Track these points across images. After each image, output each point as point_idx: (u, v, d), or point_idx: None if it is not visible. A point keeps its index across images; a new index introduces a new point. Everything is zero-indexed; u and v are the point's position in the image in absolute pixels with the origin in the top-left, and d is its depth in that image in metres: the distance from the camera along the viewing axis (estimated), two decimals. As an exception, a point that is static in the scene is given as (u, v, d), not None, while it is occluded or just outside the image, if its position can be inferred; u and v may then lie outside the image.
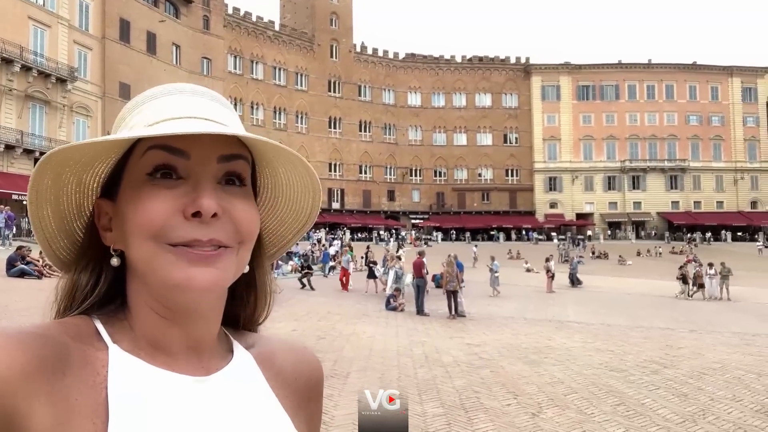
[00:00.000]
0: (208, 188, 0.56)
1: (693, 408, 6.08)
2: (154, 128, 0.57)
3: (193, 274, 0.54)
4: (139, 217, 0.55)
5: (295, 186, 0.66)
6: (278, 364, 0.68)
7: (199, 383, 0.59)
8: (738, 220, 60.95)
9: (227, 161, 0.58)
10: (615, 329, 12.40)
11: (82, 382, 0.52)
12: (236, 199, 0.58)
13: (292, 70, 56.65)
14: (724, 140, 63.72)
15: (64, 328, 0.56)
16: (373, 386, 6.05)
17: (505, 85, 64.08)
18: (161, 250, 0.55)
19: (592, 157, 63.31)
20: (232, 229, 0.57)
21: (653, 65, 64.30)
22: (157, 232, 0.54)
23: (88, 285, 0.61)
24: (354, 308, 14.59)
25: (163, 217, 0.54)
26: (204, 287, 0.55)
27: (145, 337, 0.59)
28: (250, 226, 0.59)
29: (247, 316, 0.70)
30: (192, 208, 0.54)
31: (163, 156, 0.56)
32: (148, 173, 0.56)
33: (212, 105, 0.62)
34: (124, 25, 40.69)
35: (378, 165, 60.89)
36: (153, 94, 0.62)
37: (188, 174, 0.56)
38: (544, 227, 60.82)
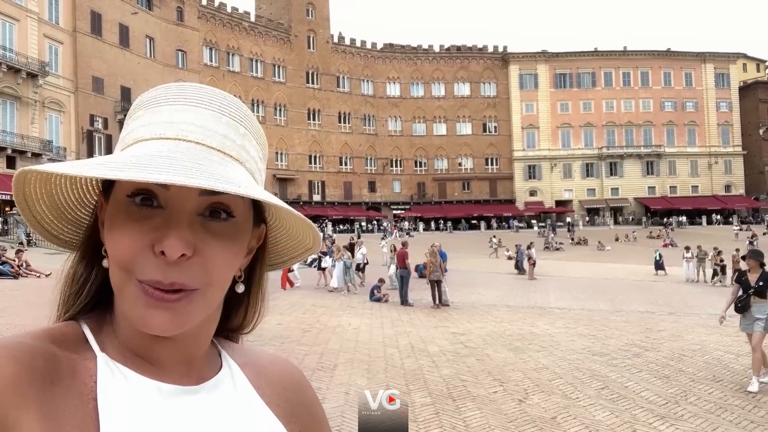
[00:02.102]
0: (180, 226, 0.52)
1: (675, 390, 6.20)
2: (133, 150, 0.55)
3: (148, 316, 0.52)
4: (113, 245, 0.53)
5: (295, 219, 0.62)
6: (265, 375, 0.67)
7: (190, 393, 0.58)
8: (713, 204, 62.19)
9: (212, 194, 0.53)
10: (596, 314, 12.59)
11: (71, 392, 0.51)
12: (214, 237, 0.54)
13: (269, 61, 56.03)
14: (699, 125, 64.81)
15: (51, 337, 0.54)
16: (360, 378, 6.04)
17: (483, 74, 64.23)
18: (129, 283, 0.52)
19: (570, 144, 63.93)
20: (200, 271, 0.53)
21: (629, 52, 64.98)
22: (126, 266, 0.52)
23: (81, 277, 0.60)
24: (338, 300, 14.58)
25: (133, 251, 0.52)
26: (159, 330, 0.53)
27: (129, 346, 0.57)
28: (222, 270, 0.55)
29: (234, 327, 0.69)
30: (158, 247, 0.51)
31: (144, 182, 0.52)
32: (128, 195, 0.53)
33: (215, 119, 0.57)
34: (95, 18, 39.79)
35: (358, 156, 60.72)
36: (156, 98, 0.58)
37: (166, 204, 0.53)
38: (524, 215, 61.38)
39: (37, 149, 33.73)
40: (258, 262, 0.65)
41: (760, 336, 6.35)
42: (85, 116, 38.52)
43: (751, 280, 6.66)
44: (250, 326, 0.69)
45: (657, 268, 25.09)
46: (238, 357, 0.67)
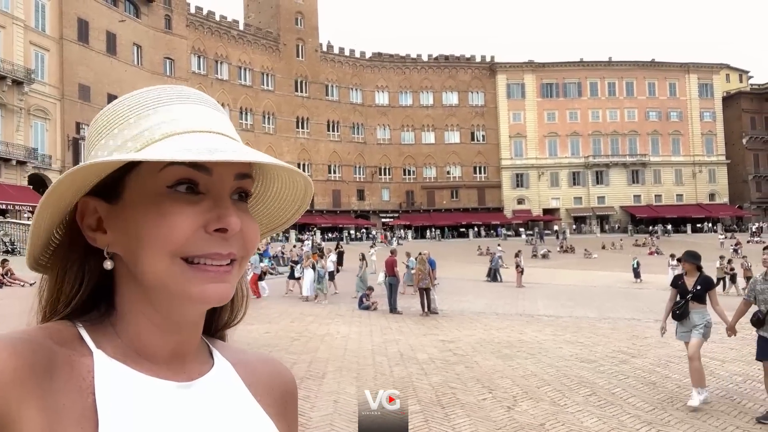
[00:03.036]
0: (231, 206, 0.58)
1: (662, 396, 6.26)
2: (175, 142, 0.56)
3: (209, 290, 0.56)
4: (164, 231, 0.55)
5: (283, 199, 0.68)
6: (255, 374, 0.68)
7: (184, 389, 0.59)
8: (697, 212, 62.95)
9: (242, 179, 0.59)
10: (584, 321, 12.66)
11: (69, 387, 0.53)
12: (245, 213, 0.60)
13: (258, 69, 56.02)
14: (683, 135, 65.71)
15: (48, 333, 0.56)
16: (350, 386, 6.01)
17: (471, 83, 64.70)
18: (177, 266, 0.55)
19: (557, 153, 64.48)
20: (242, 243, 0.59)
21: (614, 63, 65.83)
22: (179, 247, 0.55)
23: (72, 289, 0.60)
24: (327, 309, 14.54)
25: (188, 232, 0.55)
26: (218, 301, 0.57)
27: (132, 344, 0.59)
28: (255, 241, 0.61)
29: (221, 321, 0.71)
30: (217, 224, 0.56)
31: (187, 171, 0.56)
32: (168, 186, 0.56)
33: (217, 115, 0.62)
34: (82, 26, 39.58)
35: (347, 164, 60.75)
36: (158, 98, 0.60)
37: (208, 189, 0.57)
38: (512, 223, 61.70)
39: (22, 157, 33.38)
40: None
41: (697, 343, 5.98)
42: (71, 124, 38.19)
43: (688, 284, 6.23)
44: (239, 316, 0.71)
45: (636, 276, 25.51)
46: (229, 355, 0.68)
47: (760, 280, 5.75)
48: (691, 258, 6.39)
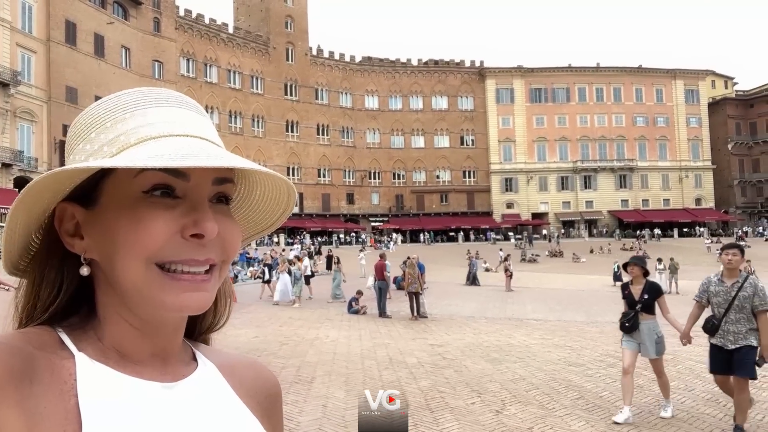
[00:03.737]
0: (209, 210, 0.56)
1: (649, 399, 6.30)
2: (150, 148, 0.55)
3: (185, 299, 0.55)
4: (139, 236, 0.54)
5: (268, 203, 0.68)
6: (239, 376, 0.68)
7: (168, 389, 0.59)
8: (683, 216, 63.61)
9: (221, 184, 0.58)
10: (572, 325, 12.73)
11: (50, 390, 0.52)
12: (225, 217, 0.59)
13: (247, 73, 55.88)
14: (669, 140, 66.41)
15: (27, 338, 0.55)
16: (338, 391, 5.98)
17: (460, 88, 64.96)
18: (153, 273, 0.54)
19: (546, 158, 64.89)
20: (221, 248, 0.58)
21: (601, 68, 66.43)
22: (154, 253, 0.54)
23: (49, 295, 0.59)
24: (316, 313, 14.50)
25: (163, 237, 0.54)
26: (195, 310, 0.56)
27: (113, 347, 0.58)
28: (235, 245, 0.60)
29: (204, 325, 0.70)
30: (193, 230, 0.55)
31: (163, 177, 0.55)
32: (144, 191, 0.55)
33: (198, 118, 0.61)
34: (70, 27, 39.27)
35: (336, 168, 60.71)
36: (136, 101, 0.59)
37: (185, 194, 0.56)
38: (501, 227, 61.93)
39: (7, 159, 33.00)
40: None
41: (658, 362, 5.71)
42: (57, 126, 37.83)
43: (634, 292, 5.77)
44: (222, 321, 0.71)
45: (615, 279, 25.71)
46: (213, 358, 0.68)
47: (715, 281, 5.25)
48: (639, 262, 5.97)
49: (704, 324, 5.24)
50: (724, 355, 5.00)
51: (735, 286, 5.05)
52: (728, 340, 5.00)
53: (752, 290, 4.97)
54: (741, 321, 4.98)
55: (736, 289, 5.03)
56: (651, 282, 5.89)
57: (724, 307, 5.05)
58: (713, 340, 5.11)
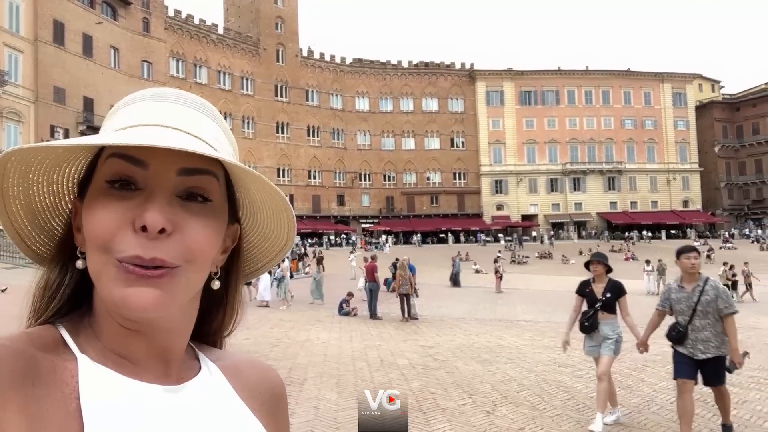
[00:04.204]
0: (160, 201, 0.53)
1: (638, 399, 6.36)
2: (114, 136, 0.55)
3: (130, 295, 0.52)
4: (91, 226, 0.53)
5: (270, 204, 0.64)
6: (244, 378, 0.67)
7: (171, 393, 0.58)
8: (671, 218, 64.19)
9: (189, 175, 0.55)
10: (562, 326, 12.66)
11: (53, 393, 0.51)
12: (193, 216, 0.55)
13: (238, 74, 55.68)
14: (657, 143, 67.02)
15: (30, 339, 0.54)
16: (330, 392, 5.97)
17: (451, 90, 65.16)
18: (109, 264, 0.53)
19: (536, 160, 65.24)
20: (181, 248, 0.54)
21: (590, 72, 66.93)
22: (105, 245, 0.52)
23: (54, 284, 0.59)
24: (306, 315, 14.47)
25: (111, 229, 0.52)
26: (141, 309, 0.52)
27: (110, 346, 0.57)
28: (203, 246, 0.56)
29: (212, 331, 0.70)
30: (139, 222, 0.52)
31: (122, 165, 0.54)
32: (107, 181, 0.54)
33: (188, 113, 0.59)
34: (58, 27, 38.91)
35: (327, 170, 60.63)
36: (133, 99, 0.60)
37: (145, 184, 0.54)
38: (491, 229, 62.16)
39: (-7, 160, 32.64)
40: (234, 264, 0.66)
41: (608, 361, 5.35)
42: (45, 127, 37.46)
43: (596, 291, 5.52)
44: (229, 328, 0.70)
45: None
46: (217, 360, 0.67)
47: (675, 288, 4.96)
48: (602, 259, 5.63)
49: (668, 332, 4.94)
50: (691, 363, 4.74)
51: (696, 290, 4.79)
52: (698, 349, 4.71)
53: (714, 293, 4.73)
54: (707, 327, 4.71)
55: (697, 294, 4.77)
56: (614, 281, 5.60)
57: (688, 314, 4.78)
58: (681, 348, 4.79)
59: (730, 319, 4.67)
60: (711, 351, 4.66)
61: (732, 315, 4.68)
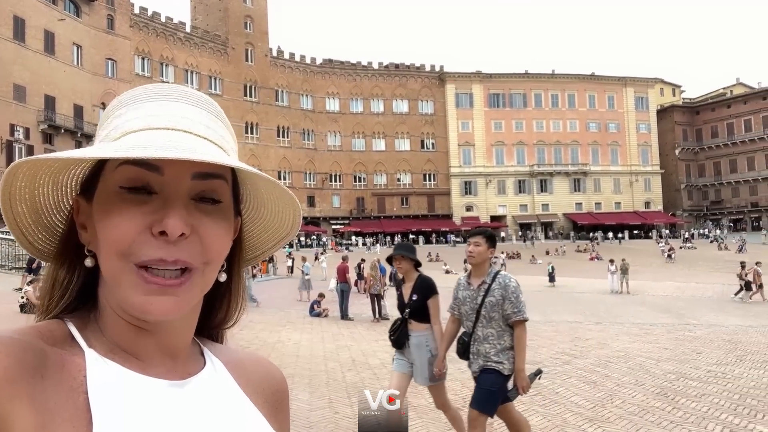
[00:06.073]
0: (178, 206, 0.54)
1: (602, 394, 6.56)
2: (126, 140, 0.55)
3: (151, 303, 0.54)
4: (108, 232, 0.54)
5: (277, 201, 0.66)
6: (248, 374, 0.68)
7: (177, 387, 0.59)
8: (634, 219, 66.00)
9: (203, 179, 0.56)
10: (528, 325, 12.90)
11: (61, 386, 0.52)
12: (208, 217, 0.57)
13: (206, 73, 54.97)
14: (620, 146, 68.80)
15: (38, 332, 0.55)
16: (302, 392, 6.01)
17: (421, 92, 65.61)
18: (127, 270, 0.54)
19: (504, 161, 66.23)
20: (200, 249, 0.56)
21: (556, 75, 68.31)
22: (124, 250, 0.53)
23: (64, 281, 0.60)
24: (277, 316, 14.41)
25: (131, 235, 0.53)
26: (161, 315, 0.55)
27: (116, 341, 0.58)
28: (219, 247, 0.58)
29: (215, 323, 0.70)
30: (158, 227, 0.53)
31: (137, 171, 0.54)
32: (121, 186, 0.55)
33: (196, 112, 0.60)
34: (18, 23, 37.77)
35: (297, 171, 60.33)
36: (136, 96, 0.60)
37: (161, 189, 0.55)
38: (461, 230, 62.77)
39: (-51, 159, 31.51)
40: (236, 255, 0.66)
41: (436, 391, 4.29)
42: (4, 126, 36.30)
43: (405, 293, 4.43)
44: (233, 319, 0.70)
45: (550, 280, 26.70)
46: (221, 355, 0.68)
47: (463, 284, 3.94)
48: (407, 252, 4.46)
49: (457, 347, 3.94)
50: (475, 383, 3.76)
51: (482, 288, 3.76)
52: (477, 365, 3.73)
53: (501, 294, 3.67)
54: (490, 338, 3.68)
55: (482, 292, 3.73)
56: (423, 277, 4.42)
57: (472, 319, 3.77)
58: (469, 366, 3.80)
59: (519, 327, 3.67)
60: (489, 365, 3.67)
61: (522, 322, 3.68)
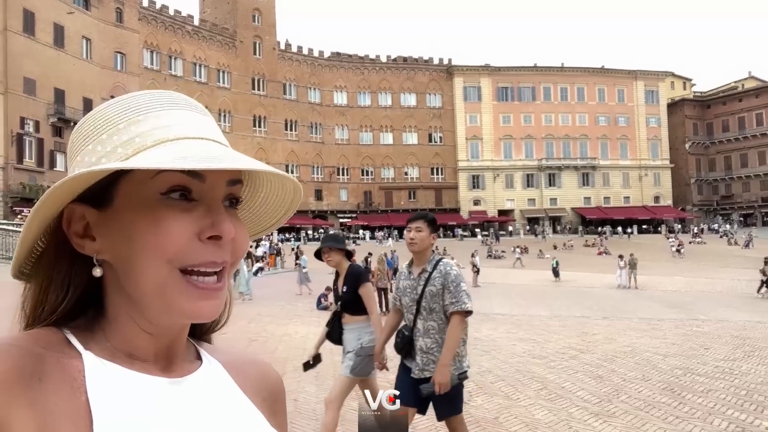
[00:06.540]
0: (224, 212, 0.57)
1: (608, 389, 6.56)
2: (167, 150, 0.55)
3: (201, 307, 0.56)
4: (160, 238, 0.54)
5: (271, 204, 0.68)
6: (245, 374, 0.68)
7: (176, 384, 0.59)
8: (643, 214, 65.57)
9: (233, 185, 0.59)
10: (536, 319, 13.06)
11: (60, 388, 0.52)
12: (236, 220, 0.60)
13: (214, 66, 55.02)
14: (630, 140, 68.28)
15: (34, 338, 0.55)
16: (309, 385, 6.06)
17: (429, 85, 65.37)
18: (174, 277, 0.55)
19: (512, 155, 65.92)
20: (232, 251, 0.58)
21: (566, 69, 67.80)
22: (174, 255, 0.55)
23: (57, 297, 0.59)
24: (284, 309, 14.48)
25: (184, 239, 0.55)
26: (209, 317, 0.57)
27: (121, 347, 0.59)
28: (245, 248, 0.61)
29: (207, 325, 0.70)
30: (211, 231, 0.55)
31: (181, 178, 0.55)
32: (162, 192, 0.55)
33: (208, 122, 0.62)
34: (28, 17, 37.96)
35: (305, 164, 60.38)
36: (148, 104, 0.59)
37: (201, 196, 0.57)
38: (468, 224, 62.67)
39: (-40, 152, 31.80)
40: None
41: (341, 384, 4.01)
42: (15, 119, 36.57)
43: (340, 285, 4.23)
44: (223, 320, 0.70)
45: (555, 275, 26.60)
46: (217, 355, 0.69)
47: (405, 273, 3.63)
48: (335, 242, 4.17)
49: (395, 341, 3.61)
50: (411, 384, 3.38)
51: (422, 277, 3.46)
52: (415, 364, 3.43)
53: (441, 282, 3.37)
54: (431, 332, 3.40)
55: (423, 282, 3.44)
56: (353, 266, 4.19)
57: (413, 311, 3.48)
58: (407, 362, 3.51)
59: (455, 318, 3.35)
60: (431, 367, 3.36)
61: (460, 314, 3.36)
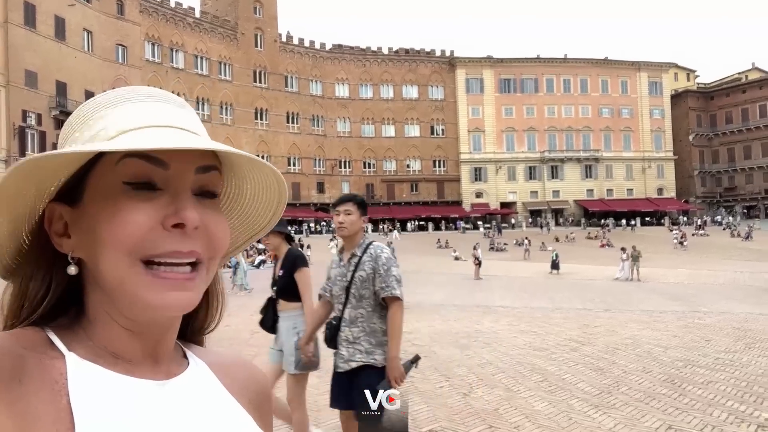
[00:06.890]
0: (190, 200, 0.55)
1: (608, 381, 6.57)
2: (129, 137, 0.54)
3: (169, 299, 0.53)
4: (118, 229, 0.52)
5: (260, 196, 0.65)
6: (231, 375, 0.67)
7: (161, 386, 0.58)
8: (646, 206, 65.44)
9: (203, 172, 0.57)
10: (538, 311, 13.07)
11: (41, 390, 0.51)
12: (210, 211, 0.57)
13: (215, 59, 54.91)
14: (633, 131, 68.04)
15: (15, 338, 0.54)
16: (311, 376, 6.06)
17: (431, 77, 65.14)
18: (136, 269, 0.53)
19: (514, 148, 65.76)
20: (208, 242, 0.56)
21: (569, 60, 67.47)
22: (134, 246, 0.52)
23: (37, 295, 0.58)
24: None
25: (144, 229, 0.53)
26: (180, 310, 0.55)
27: (105, 347, 0.57)
28: (224, 240, 0.58)
29: (198, 326, 0.69)
30: (174, 219, 0.53)
31: (142, 165, 0.53)
32: (124, 182, 0.54)
33: (183, 112, 0.60)
34: (28, 9, 37.86)
35: (307, 157, 60.35)
36: (121, 97, 0.58)
37: (166, 185, 0.55)
38: (470, 216, 62.65)
39: (-37, 146, 31.85)
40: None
41: (293, 382, 3.86)
42: (17, 112, 36.58)
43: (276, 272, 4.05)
44: (215, 321, 0.69)
45: (552, 267, 26.59)
46: (204, 357, 0.67)
47: (336, 261, 3.41)
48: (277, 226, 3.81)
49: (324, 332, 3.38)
50: (342, 380, 3.18)
51: (352, 262, 3.22)
52: (340, 356, 3.18)
53: (372, 266, 3.14)
54: (359, 320, 3.14)
55: (352, 267, 3.20)
56: (291, 250, 3.96)
57: (342, 300, 3.23)
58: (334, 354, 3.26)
59: (392, 306, 3.12)
60: (357, 358, 3.10)
61: (395, 300, 3.12)
